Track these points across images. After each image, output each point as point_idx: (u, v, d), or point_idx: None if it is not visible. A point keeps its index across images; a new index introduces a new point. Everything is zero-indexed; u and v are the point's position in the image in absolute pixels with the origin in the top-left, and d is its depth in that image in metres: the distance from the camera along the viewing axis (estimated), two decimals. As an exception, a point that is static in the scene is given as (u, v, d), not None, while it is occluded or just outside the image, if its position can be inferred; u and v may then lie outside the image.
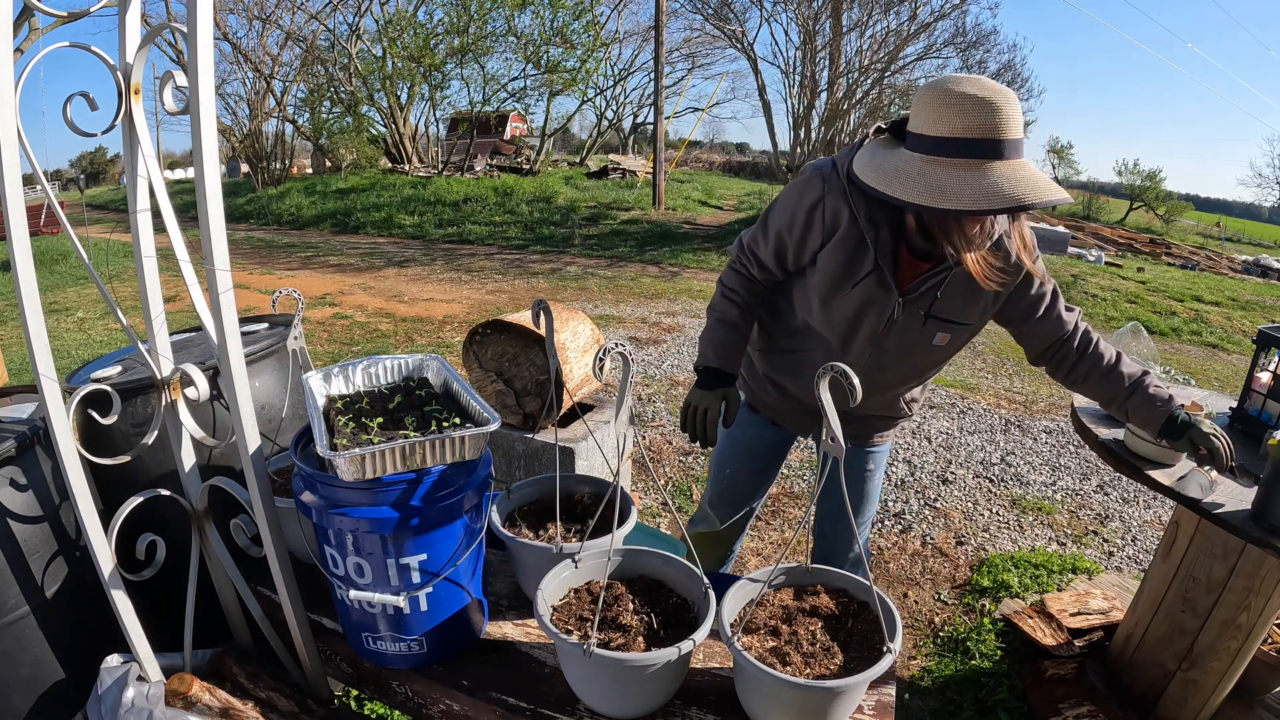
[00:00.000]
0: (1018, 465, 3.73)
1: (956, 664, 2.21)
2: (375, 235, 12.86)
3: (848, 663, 1.03)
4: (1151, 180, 28.45)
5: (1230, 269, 13.54)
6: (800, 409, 1.63)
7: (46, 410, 1.06)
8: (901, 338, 1.39)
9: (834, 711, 1.00)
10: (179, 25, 1.03)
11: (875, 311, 1.36)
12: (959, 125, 1.07)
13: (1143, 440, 1.56)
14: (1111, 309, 8.39)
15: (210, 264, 1.04)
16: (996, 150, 1.07)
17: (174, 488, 1.27)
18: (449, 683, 1.22)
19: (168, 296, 1.34)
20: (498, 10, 15.74)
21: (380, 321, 6.53)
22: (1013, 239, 1.27)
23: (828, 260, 1.35)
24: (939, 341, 1.39)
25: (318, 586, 1.40)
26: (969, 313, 1.36)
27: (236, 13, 18.51)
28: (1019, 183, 1.05)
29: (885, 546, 2.94)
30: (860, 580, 1.15)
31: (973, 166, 1.08)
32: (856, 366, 1.42)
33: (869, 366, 1.44)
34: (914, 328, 1.37)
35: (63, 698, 1.34)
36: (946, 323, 1.37)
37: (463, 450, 1.15)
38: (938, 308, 1.34)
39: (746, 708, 1.08)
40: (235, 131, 19.71)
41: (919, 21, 11.67)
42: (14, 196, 0.97)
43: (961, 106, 1.07)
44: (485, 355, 2.51)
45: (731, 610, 1.09)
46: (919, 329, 1.37)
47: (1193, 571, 1.68)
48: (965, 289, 1.32)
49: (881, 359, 1.43)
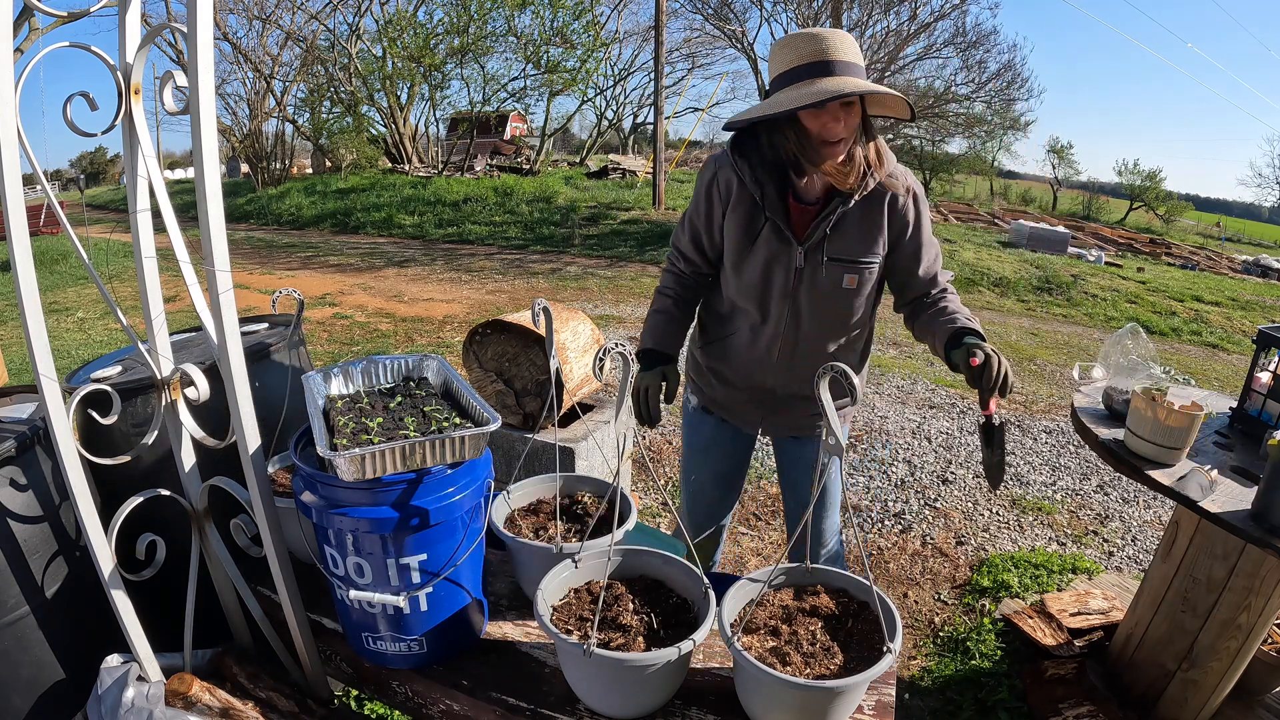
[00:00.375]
0: (1018, 465, 3.73)
1: (956, 664, 2.22)
2: (375, 235, 12.86)
3: (848, 663, 1.03)
4: (1151, 180, 28.45)
5: (1230, 269, 13.54)
6: (744, 397, 1.68)
7: (46, 410, 1.06)
8: (812, 288, 1.49)
9: (834, 711, 1.00)
10: (179, 25, 1.03)
11: (781, 267, 1.48)
12: (792, 57, 1.30)
13: (1143, 441, 1.57)
14: (1111, 309, 8.40)
15: (210, 264, 1.04)
16: (827, 69, 1.28)
17: (174, 488, 1.27)
18: (449, 683, 1.22)
19: (168, 296, 1.34)
20: (498, 10, 15.75)
21: (380, 321, 6.53)
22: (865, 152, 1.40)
23: (730, 227, 1.52)
24: (847, 284, 1.48)
25: (318, 586, 1.40)
26: (864, 250, 1.47)
27: (236, 13, 18.53)
28: (840, 84, 1.25)
29: (885, 546, 2.94)
30: (860, 580, 1.15)
31: (806, 84, 1.28)
32: (779, 331, 1.54)
33: (790, 326, 1.54)
34: (820, 275, 1.47)
35: (63, 698, 1.34)
36: (847, 263, 1.47)
37: (463, 450, 1.15)
38: (834, 248, 1.45)
39: (746, 708, 1.08)
40: (235, 131, 19.73)
41: (919, 22, 11.68)
42: (14, 196, 0.96)
43: (794, 43, 1.31)
44: (485, 355, 2.51)
45: (731, 610, 1.09)
46: (825, 275, 1.47)
47: (1193, 571, 1.68)
48: (856, 228, 1.45)
49: (799, 316, 1.53)
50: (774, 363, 1.58)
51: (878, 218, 1.45)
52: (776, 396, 1.64)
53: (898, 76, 12.33)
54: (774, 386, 1.62)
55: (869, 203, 1.44)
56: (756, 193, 1.44)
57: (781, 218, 1.45)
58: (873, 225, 1.45)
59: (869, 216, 1.45)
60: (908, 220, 1.47)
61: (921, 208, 1.48)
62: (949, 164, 25.30)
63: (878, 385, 4.97)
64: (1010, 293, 8.92)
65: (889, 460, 3.73)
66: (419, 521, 1.12)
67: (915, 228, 1.48)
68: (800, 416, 1.68)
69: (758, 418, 1.70)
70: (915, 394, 4.82)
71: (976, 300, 8.59)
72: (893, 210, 1.45)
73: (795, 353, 1.56)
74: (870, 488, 3.44)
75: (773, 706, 1.03)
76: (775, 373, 1.59)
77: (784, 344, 1.55)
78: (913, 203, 1.47)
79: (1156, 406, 1.53)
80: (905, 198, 1.45)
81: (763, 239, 1.47)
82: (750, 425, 1.74)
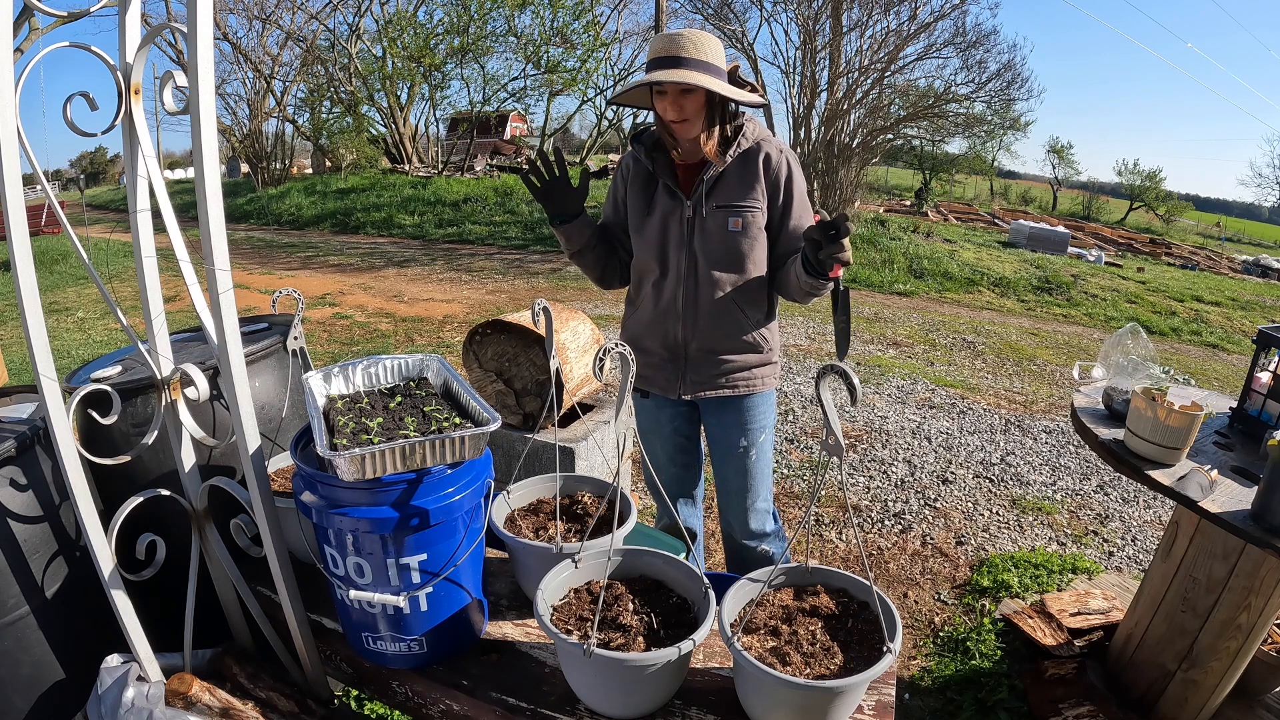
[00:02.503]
0: (1018, 465, 3.73)
1: (956, 664, 2.22)
2: (375, 235, 12.86)
3: (848, 663, 1.03)
4: (1151, 180, 28.47)
5: (1230, 269, 13.54)
6: (658, 359, 1.79)
7: (46, 410, 1.06)
8: (704, 233, 1.68)
9: (834, 711, 1.00)
10: (179, 25, 1.03)
11: (675, 220, 1.70)
12: (652, 50, 1.59)
13: (1143, 441, 1.57)
14: (1111, 309, 8.40)
15: (210, 264, 1.04)
16: (671, 63, 1.53)
17: (174, 488, 1.27)
18: (449, 683, 1.22)
19: (168, 296, 1.34)
20: (498, 10, 15.74)
21: (380, 321, 6.53)
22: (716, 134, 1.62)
23: (632, 197, 1.77)
24: (733, 226, 1.67)
25: (318, 586, 1.40)
26: (744, 196, 1.66)
27: (236, 13, 18.52)
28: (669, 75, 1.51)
29: (885, 546, 2.94)
30: (860, 580, 1.16)
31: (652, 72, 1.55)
32: (680, 278, 1.70)
33: (689, 273, 1.70)
34: (709, 220, 1.67)
35: (63, 698, 1.34)
36: (730, 208, 1.66)
37: (463, 450, 1.15)
38: (718, 196, 1.66)
39: (746, 708, 1.08)
40: (235, 131, 19.72)
41: (919, 22, 11.65)
42: (14, 196, 0.96)
43: (659, 40, 1.57)
44: (485, 355, 2.51)
45: (731, 610, 1.09)
46: (713, 220, 1.67)
47: (1193, 571, 1.68)
48: (735, 179, 1.66)
49: (695, 262, 1.69)
50: (680, 312, 1.72)
51: (754, 169, 1.66)
52: (689, 353, 1.75)
53: (898, 77, 12.32)
54: (684, 339, 1.74)
55: (745, 159, 1.66)
56: (649, 164, 1.71)
57: (670, 178, 1.70)
58: (750, 175, 1.66)
59: (746, 169, 1.66)
60: (779, 173, 1.67)
61: (795, 170, 1.69)
62: (949, 164, 25.33)
63: (878, 385, 4.97)
64: (1010, 293, 8.92)
65: (889, 460, 3.73)
66: (419, 521, 1.12)
67: (788, 181, 1.68)
68: (715, 372, 1.76)
69: (675, 379, 1.79)
70: (915, 394, 4.82)
71: (976, 300, 8.59)
72: (766, 165, 1.66)
73: (698, 299, 1.70)
74: (870, 488, 3.44)
75: (773, 706, 1.02)
76: (683, 324, 1.72)
77: (685, 291, 1.71)
78: (785, 161, 1.68)
79: (1156, 406, 1.53)
80: (778, 155, 1.67)
81: (658, 200, 1.72)
82: (671, 390, 1.80)
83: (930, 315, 7.63)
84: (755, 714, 1.06)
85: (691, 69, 1.54)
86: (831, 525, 3.10)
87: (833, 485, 3.45)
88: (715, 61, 1.57)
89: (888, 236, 10.92)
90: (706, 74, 1.54)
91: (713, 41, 1.58)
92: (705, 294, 1.69)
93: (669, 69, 1.54)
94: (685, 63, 1.54)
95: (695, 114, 1.59)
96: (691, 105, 1.58)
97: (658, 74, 1.53)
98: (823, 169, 11.59)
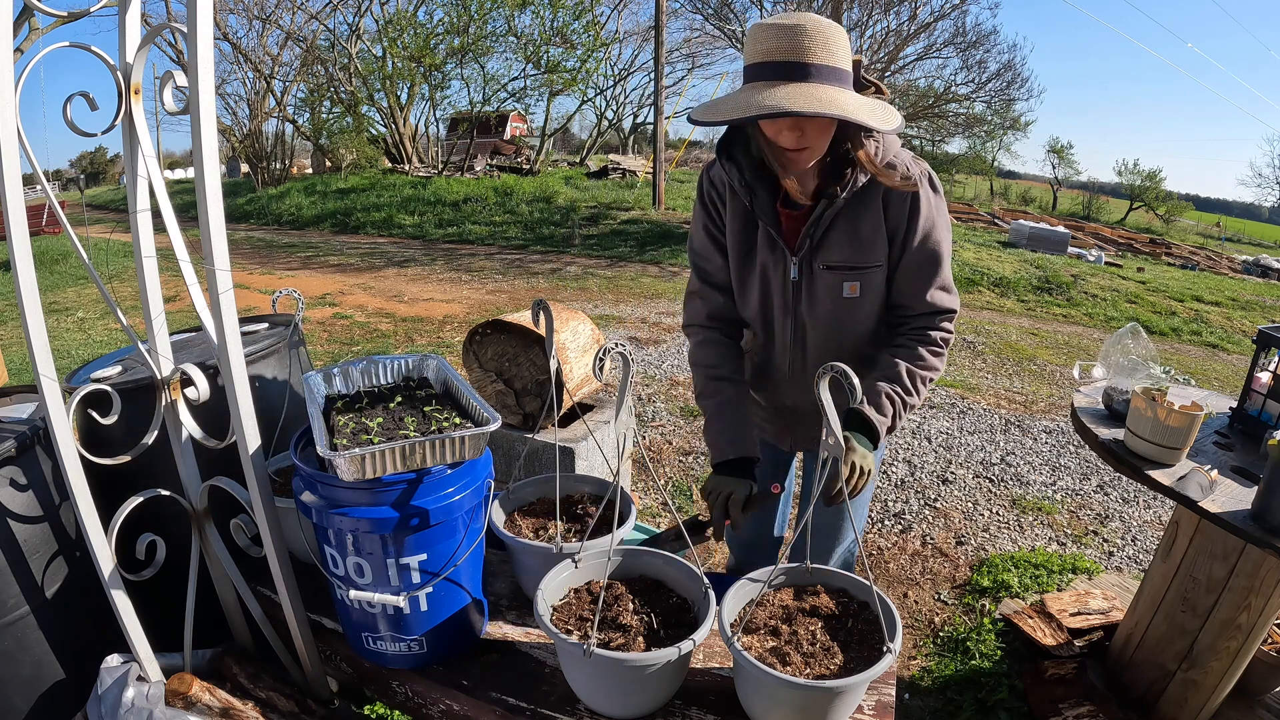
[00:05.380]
0: (1018, 465, 3.73)
1: (956, 664, 2.22)
2: (375, 235, 12.85)
3: (848, 663, 1.03)
4: (1151, 180, 28.48)
5: (1230, 269, 13.54)
6: (769, 414, 1.59)
7: (46, 410, 1.06)
8: (812, 300, 1.36)
9: (834, 711, 1.00)
10: (179, 25, 1.03)
11: (777, 278, 1.37)
12: (761, 50, 1.12)
13: (1143, 441, 1.57)
14: (1111, 309, 8.39)
15: (210, 264, 1.04)
16: (797, 72, 1.09)
17: (174, 488, 1.27)
18: (449, 683, 1.22)
19: (168, 296, 1.34)
20: (498, 10, 15.74)
21: (380, 321, 6.53)
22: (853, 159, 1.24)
23: (730, 233, 1.39)
24: (849, 293, 1.34)
25: (318, 586, 1.40)
26: (861, 256, 1.31)
27: (236, 13, 18.54)
28: (794, 96, 1.07)
29: (885, 546, 2.94)
30: (860, 580, 1.15)
31: (761, 87, 1.10)
32: (786, 348, 1.42)
33: (797, 343, 1.41)
34: (818, 285, 1.34)
35: (62, 698, 1.34)
36: (845, 270, 1.32)
37: (463, 450, 1.15)
38: (826, 255, 1.31)
39: (747, 708, 1.08)
40: (235, 131, 19.73)
41: (919, 22, 11.68)
42: (14, 196, 0.96)
43: (767, 33, 1.11)
44: (485, 355, 2.51)
45: (731, 610, 1.09)
46: (823, 284, 1.34)
47: (1193, 571, 1.68)
48: (844, 232, 1.30)
49: (804, 332, 1.40)
50: (788, 381, 1.46)
51: (873, 215, 1.29)
52: (799, 414, 1.53)
53: (898, 77, 12.32)
54: (793, 405, 1.52)
55: (861, 199, 1.28)
56: (746, 197, 1.31)
57: (773, 224, 1.32)
58: (868, 224, 1.29)
59: (863, 215, 1.29)
60: (903, 213, 1.29)
61: (921, 203, 1.28)
62: (949, 164, 25.33)
63: (878, 385, 4.97)
64: (1010, 293, 8.92)
65: (889, 460, 3.73)
66: (419, 521, 1.12)
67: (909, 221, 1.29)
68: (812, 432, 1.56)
69: (785, 434, 1.61)
70: (915, 394, 4.82)
71: (976, 300, 8.59)
72: (888, 204, 1.29)
73: (806, 370, 1.43)
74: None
75: (773, 706, 1.02)
76: (791, 392, 1.48)
77: (794, 361, 1.43)
78: (912, 195, 1.28)
79: (1156, 406, 1.53)
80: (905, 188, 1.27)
81: (759, 249, 1.37)
82: (781, 440, 1.63)
83: (930, 315, 7.61)
84: (755, 714, 1.06)
85: (824, 81, 1.10)
86: (831, 525, 3.10)
87: (833, 485, 3.44)
88: (844, 65, 1.13)
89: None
90: (840, 86, 1.12)
91: (837, 32, 1.13)
92: (815, 362, 1.40)
93: (795, 83, 1.09)
94: (814, 72, 1.09)
95: (822, 140, 1.18)
96: (818, 128, 1.16)
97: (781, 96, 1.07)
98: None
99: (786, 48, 1.09)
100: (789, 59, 1.09)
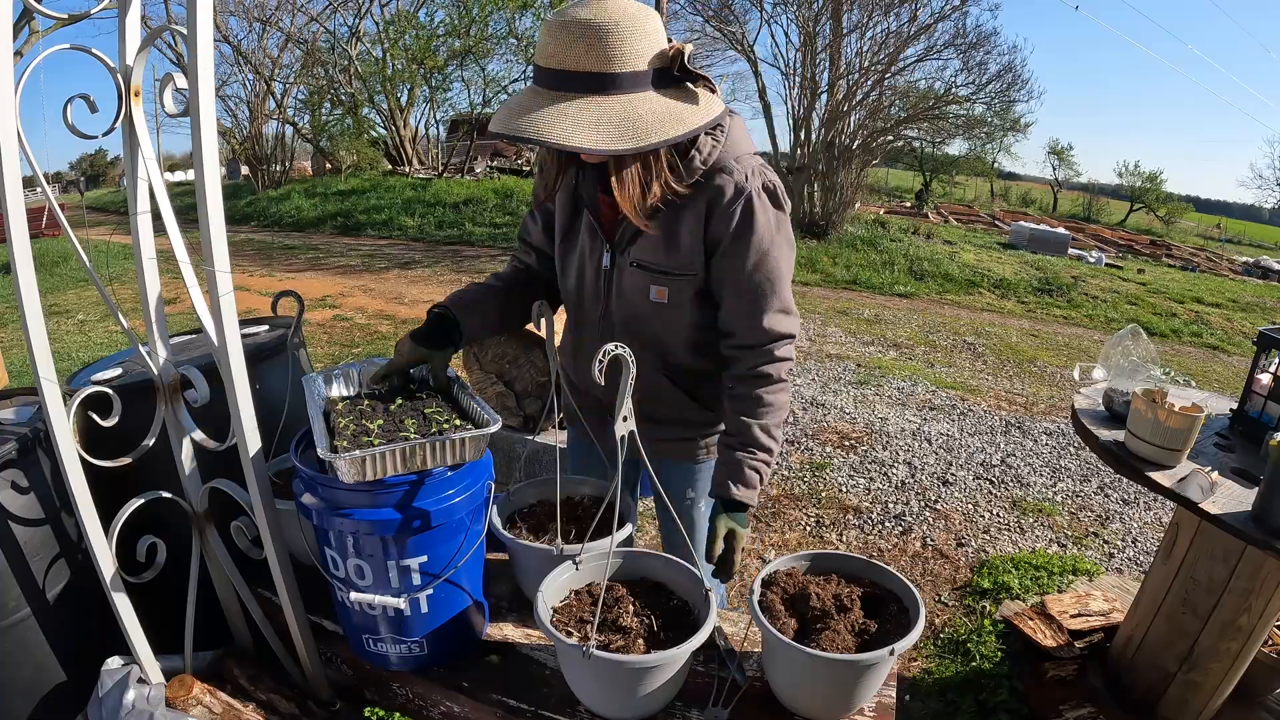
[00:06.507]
0: (1018, 467, 3.73)
1: (957, 665, 2.21)
2: (376, 237, 12.86)
3: (874, 639, 1.08)
4: (1152, 182, 28.48)
5: (1231, 270, 13.54)
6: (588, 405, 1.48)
7: (47, 413, 1.06)
8: (621, 295, 1.28)
9: (862, 685, 1.05)
10: (179, 27, 1.03)
11: (592, 264, 1.29)
12: (540, 51, 1.04)
13: (1143, 442, 1.56)
14: (1112, 310, 8.40)
15: (210, 266, 1.04)
16: (567, 82, 1.01)
17: (174, 490, 1.27)
18: (450, 684, 1.22)
19: (168, 299, 1.34)
20: (499, 12, 15.75)
21: (381, 323, 6.53)
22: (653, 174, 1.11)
23: (560, 208, 1.34)
24: (656, 297, 1.24)
25: (318, 589, 1.40)
26: (672, 261, 1.22)
27: (237, 15, 18.53)
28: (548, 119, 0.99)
29: (885, 548, 2.94)
30: (878, 564, 1.20)
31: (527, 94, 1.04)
32: (596, 338, 1.34)
33: (605, 334, 1.33)
34: (626, 281, 1.26)
35: (63, 700, 1.34)
36: (654, 272, 1.23)
37: (463, 452, 1.15)
38: (640, 253, 1.23)
39: (773, 684, 1.13)
40: (235, 134, 19.73)
41: (919, 23, 11.65)
42: (14, 199, 0.97)
43: (550, 31, 1.02)
44: (486, 357, 2.51)
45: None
46: (631, 281, 1.26)
47: (1193, 573, 1.67)
48: (668, 229, 1.20)
49: (612, 324, 1.32)
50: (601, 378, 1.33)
51: (695, 222, 1.17)
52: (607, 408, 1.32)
53: (898, 79, 12.33)
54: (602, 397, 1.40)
55: (685, 202, 1.16)
56: (574, 178, 1.24)
57: (593, 210, 1.25)
58: (687, 231, 1.17)
59: (685, 218, 1.17)
60: (728, 226, 1.15)
61: (755, 219, 1.15)
62: (949, 166, 25.35)
63: (878, 387, 4.97)
64: (1011, 294, 8.92)
65: (889, 462, 3.73)
66: (420, 523, 1.12)
67: (735, 238, 1.16)
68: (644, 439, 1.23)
69: (602, 430, 1.42)
70: (915, 396, 4.82)
71: (977, 301, 8.59)
72: (712, 209, 1.16)
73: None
74: (870, 489, 3.44)
75: (802, 682, 1.08)
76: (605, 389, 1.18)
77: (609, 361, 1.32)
78: (742, 208, 1.15)
79: (1157, 408, 1.53)
80: (734, 199, 1.14)
81: (581, 230, 1.30)
82: (599, 438, 1.42)
83: (930, 317, 7.63)
84: (781, 690, 1.12)
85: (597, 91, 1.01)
86: (832, 527, 3.10)
87: (833, 487, 3.45)
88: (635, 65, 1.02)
89: (888, 238, 10.93)
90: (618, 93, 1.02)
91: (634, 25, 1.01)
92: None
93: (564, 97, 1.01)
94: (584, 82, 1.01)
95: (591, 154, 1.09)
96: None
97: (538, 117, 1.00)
98: (823, 171, 11.60)
99: (562, 55, 1.01)
100: (562, 67, 1.01)
